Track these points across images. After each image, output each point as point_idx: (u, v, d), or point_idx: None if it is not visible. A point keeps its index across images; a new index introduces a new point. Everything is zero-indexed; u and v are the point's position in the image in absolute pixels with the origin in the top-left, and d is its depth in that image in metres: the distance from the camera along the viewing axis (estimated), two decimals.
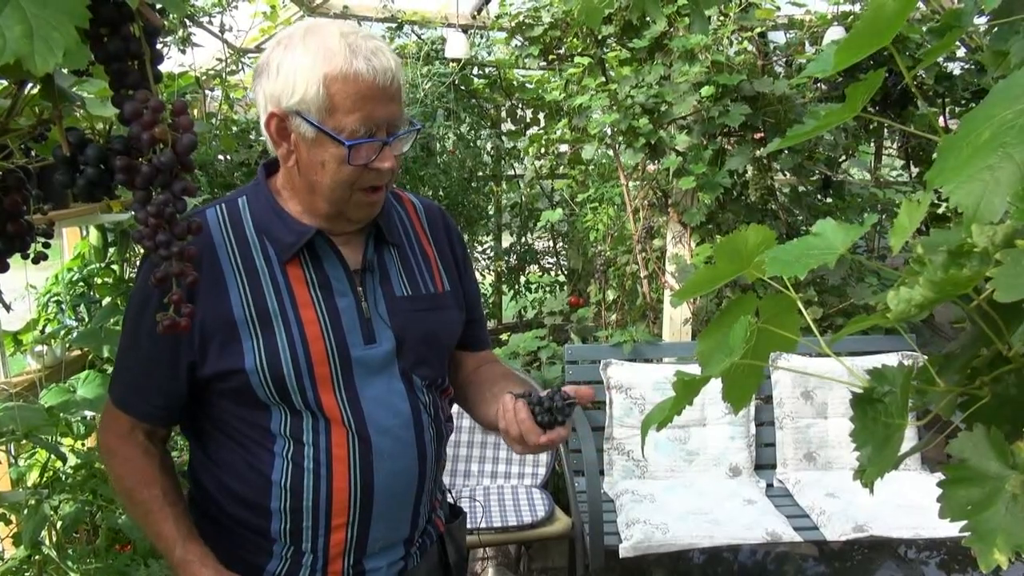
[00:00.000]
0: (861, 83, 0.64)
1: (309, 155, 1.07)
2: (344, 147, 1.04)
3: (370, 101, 1.03)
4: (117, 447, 1.18)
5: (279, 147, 1.10)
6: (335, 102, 1.02)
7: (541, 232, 4.98)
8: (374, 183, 1.09)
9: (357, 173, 1.07)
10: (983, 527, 0.56)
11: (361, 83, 1.02)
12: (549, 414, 1.07)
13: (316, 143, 1.06)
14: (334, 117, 1.03)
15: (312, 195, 1.11)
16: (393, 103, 1.06)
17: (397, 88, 1.06)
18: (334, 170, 1.06)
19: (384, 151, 1.07)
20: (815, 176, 3.59)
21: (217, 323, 1.09)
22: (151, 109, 0.60)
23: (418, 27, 4.35)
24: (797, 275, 0.55)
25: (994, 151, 0.54)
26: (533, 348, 3.39)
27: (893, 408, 0.59)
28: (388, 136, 1.07)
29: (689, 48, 2.88)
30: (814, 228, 0.58)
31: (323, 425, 1.11)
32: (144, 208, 0.62)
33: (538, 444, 1.06)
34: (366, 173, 1.07)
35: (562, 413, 1.08)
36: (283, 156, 1.11)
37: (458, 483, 2.90)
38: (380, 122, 1.05)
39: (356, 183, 1.08)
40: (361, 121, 1.03)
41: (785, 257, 0.56)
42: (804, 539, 2.50)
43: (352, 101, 1.03)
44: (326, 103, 1.02)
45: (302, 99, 1.03)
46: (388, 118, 1.06)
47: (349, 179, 1.07)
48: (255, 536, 1.15)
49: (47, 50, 0.48)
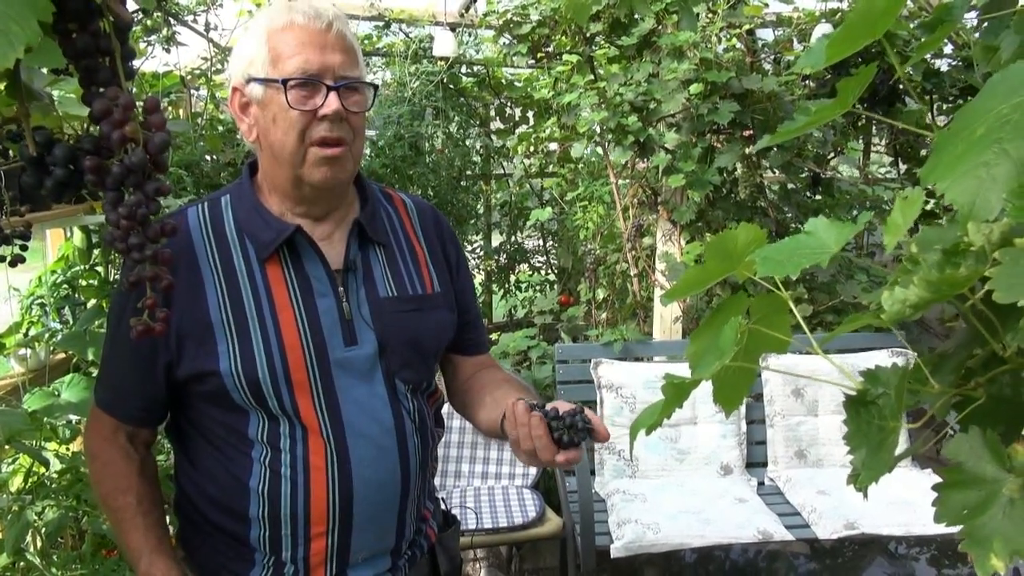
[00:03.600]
0: (852, 78, 0.63)
1: (263, 117, 1.08)
2: (280, 85, 1.05)
3: (307, 46, 1.06)
4: (99, 450, 1.16)
5: (242, 123, 1.12)
6: (276, 52, 1.06)
7: (531, 231, 4.96)
8: (324, 134, 1.07)
9: (305, 120, 1.06)
10: (980, 532, 0.54)
11: (298, 29, 1.06)
12: (569, 432, 1.02)
13: (266, 101, 1.08)
14: (276, 67, 1.06)
15: (273, 165, 1.11)
16: (335, 52, 1.07)
17: (338, 37, 1.08)
18: (283, 121, 1.06)
19: (330, 96, 1.06)
20: (804, 173, 3.59)
21: (193, 324, 1.07)
22: (121, 107, 0.58)
23: (406, 25, 4.33)
24: (789, 275, 0.53)
25: (989, 147, 0.52)
26: (523, 348, 3.37)
27: (887, 410, 0.58)
28: (334, 83, 1.07)
29: (678, 45, 2.87)
30: (806, 227, 0.56)
31: (300, 432, 1.09)
32: (115, 210, 0.61)
33: (551, 461, 1.02)
34: (315, 123, 1.06)
35: (580, 435, 1.02)
36: (247, 132, 1.12)
37: (448, 483, 2.88)
38: (321, 67, 1.06)
39: (306, 134, 1.07)
40: (299, 64, 1.05)
41: (776, 256, 0.55)
42: (795, 537, 2.49)
43: (290, 48, 1.05)
44: (270, 56, 1.06)
45: (251, 62, 1.08)
46: (330, 64, 1.06)
47: (298, 127, 1.06)
48: (236, 544, 1.13)
49: (7, 44, 0.46)
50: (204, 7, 3.35)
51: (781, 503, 2.73)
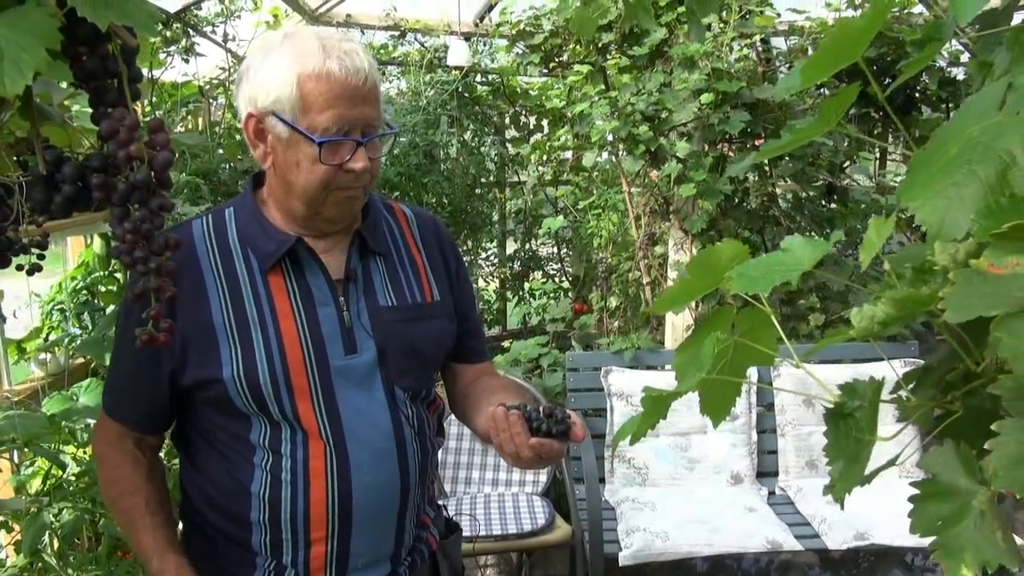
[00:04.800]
0: (834, 98, 0.64)
1: (284, 155, 1.08)
2: (315, 144, 1.04)
3: (343, 100, 1.03)
4: (107, 454, 1.19)
5: (256, 148, 1.11)
6: (308, 101, 1.03)
7: (545, 239, 4.98)
8: (349, 185, 1.09)
9: (331, 173, 1.07)
10: (952, 543, 0.56)
11: (333, 82, 1.03)
12: (548, 422, 1.04)
13: (290, 143, 1.06)
14: (307, 116, 1.04)
15: (288, 196, 1.12)
16: (367, 104, 1.06)
17: (371, 89, 1.06)
18: (308, 169, 1.06)
19: (358, 152, 1.06)
20: (818, 182, 3.58)
21: (197, 332, 1.09)
22: (127, 127, 0.61)
23: (421, 35, 4.37)
24: (761, 292, 0.55)
25: (960, 168, 0.54)
26: (535, 355, 3.39)
27: (864, 423, 0.59)
28: (363, 137, 1.07)
29: (689, 55, 2.88)
30: (783, 244, 0.58)
31: (300, 437, 1.11)
32: (122, 225, 0.63)
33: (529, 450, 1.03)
34: (341, 174, 1.07)
35: (559, 426, 1.04)
36: (260, 157, 1.11)
37: (459, 490, 2.90)
38: (353, 122, 1.05)
39: (331, 184, 1.08)
40: (333, 120, 1.04)
41: (751, 273, 0.57)
42: (805, 547, 2.49)
43: (324, 100, 1.03)
44: (299, 102, 1.03)
45: (277, 99, 1.04)
46: (362, 118, 1.06)
47: (323, 179, 1.07)
48: (238, 548, 1.15)
49: (16, 72, 0.49)
50: (222, 18, 3.41)
51: (791, 513, 2.72)
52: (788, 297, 3.27)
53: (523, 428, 1.04)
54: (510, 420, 1.05)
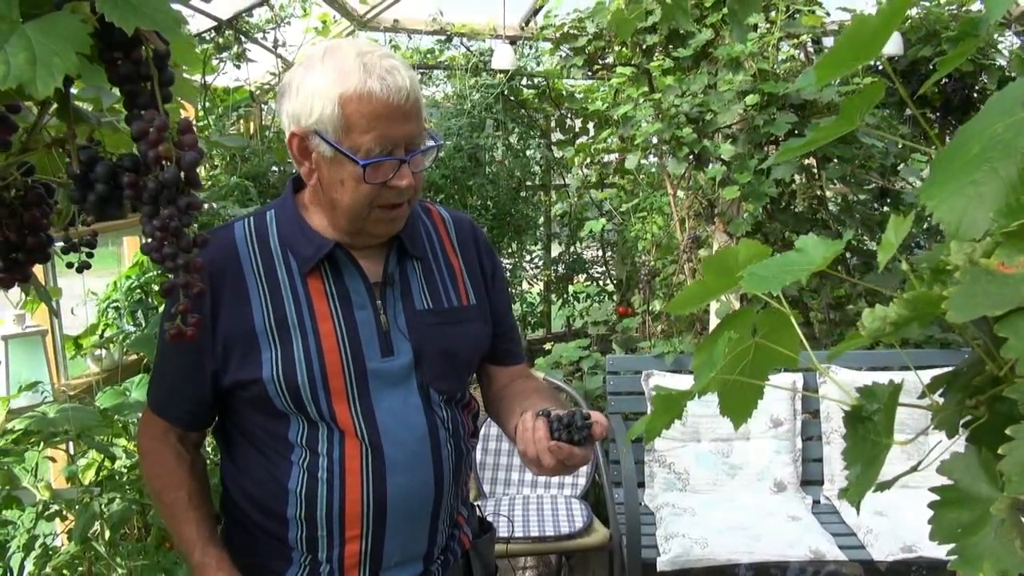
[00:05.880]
0: (858, 96, 0.63)
1: (329, 174, 1.09)
2: (360, 166, 1.05)
3: (385, 120, 1.04)
4: (151, 448, 1.23)
5: (301, 165, 1.12)
6: (351, 122, 1.03)
7: (589, 241, 4.97)
8: (393, 201, 1.10)
9: (375, 191, 1.08)
10: (971, 551, 0.54)
11: (375, 102, 1.03)
12: (568, 430, 1.04)
13: (334, 162, 1.07)
14: (350, 136, 1.04)
15: (333, 211, 1.13)
16: (409, 121, 1.06)
17: (413, 106, 1.06)
18: (352, 188, 1.08)
19: (402, 169, 1.07)
20: (871, 185, 3.50)
21: (238, 333, 1.12)
22: (156, 128, 0.63)
23: (467, 39, 4.41)
24: (773, 291, 0.54)
25: (981, 166, 0.52)
26: (575, 358, 3.38)
27: (881, 427, 0.58)
28: (406, 154, 1.08)
29: (734, 56, 2.85)
30: (797, 243, 0.57)
31: (337, 436, 1.13)
32: (151, 222, 0.66)
33: (549, 456, 1.04)
34: (385, 191, 1.08)
35: (579, 431, 1.04)
36: (306, 174, 1.13)
37: (498, 491, 2.91)
38: (396, 140, 1.06)
39: (375, 201, 1.09)
40: (377, 140, 1.04)
41: (763, 273, 0.56)
42: (849, 558, 2.43)
43: (367, 120, 1.03)
44: (342, 123, 1.04)
45: (319, 119, 1.05)
46: (404, 136, 1.06)
47: (367, 197, 1.08)
48: (275, 543, 1.18)
49: (48, 75, 0.52)
50: (273, 25, 3.49)
51: (836, 523, 2.66)
52: (836, 302, 3.20)
53: (545, 433, 1.05)
54: (535, 426, 1.05)
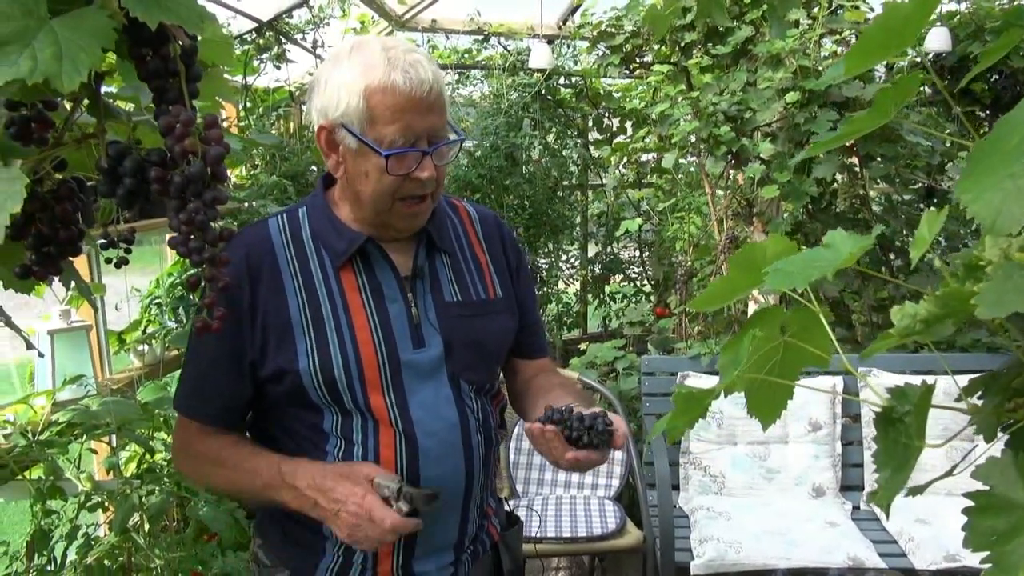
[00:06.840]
0: (892, 88, 0.61)
1: (354, 166, 1.12)
2: (383, 157, 1.07)
3: (408, 112, 1.06)
4: (188, 445, 1.23)
5: (329, 158, 1.15)
6: (375, 113, 1.06)
7: (626, 241, 4.93)
8: (416, 192, 1.12)
9: (398, 183, 1.10)
10: (1007, 559, 0.52)
11: (399, 94, 1.05)
12: (589, 434, 1.05)
13: (359, 154, 1.10)
14: (374, 128, 1.07)
15: (358, 203, 1.16)
16: (432, 113, 1.08)
17: (436, 98, 1.08)
18: (376, 179, 1.10)
19: (425, 160, 1.09)
20: (917, 185, 3.41)
21: (276, 325, 1.14)
22: (182, 123, 0.64)
23: (504, 39, 4.41)
24: (798, 287, 0.53)
25: (1019, 158, 0.50)
26: (610, 359, 3.36)
27: (912, 429, 0.56)
28: (429, 146, 1.09)
29: (774, 53, 2.80)
30: (825, 239, 0.55)
31: (372, 425, 1.15)
32: (177, 216, 0.66)
33: (566, 463, 1.06)
34: (407, 183, 1.10)
35: (599, 437, 1.05)
36: (333, 167, 1.15)
37: (531, 491, 2.90)
38: (420, 132, 1.08)
39: (397, 192, 1.11)
40: (400, 131, 1.06)
41: (788, 269, 0.54)
42: (889, 566, 2.37)
43: (391, 112, 1.06)
44: (366, 115, 1.06)
45: (345, 111, 1.07)
46: (428, 128, 1.08)
47: (390, 188, 1.10)
48: (309, 533, 1.19)
49: (73, 70, 0.52)
50: (312, 26, 3.53)
51: (877, 529, 2.60)
52: (878, 304, 3.12)
53: (560, 442, 1.08)
54: (547, 436, 1.08)
